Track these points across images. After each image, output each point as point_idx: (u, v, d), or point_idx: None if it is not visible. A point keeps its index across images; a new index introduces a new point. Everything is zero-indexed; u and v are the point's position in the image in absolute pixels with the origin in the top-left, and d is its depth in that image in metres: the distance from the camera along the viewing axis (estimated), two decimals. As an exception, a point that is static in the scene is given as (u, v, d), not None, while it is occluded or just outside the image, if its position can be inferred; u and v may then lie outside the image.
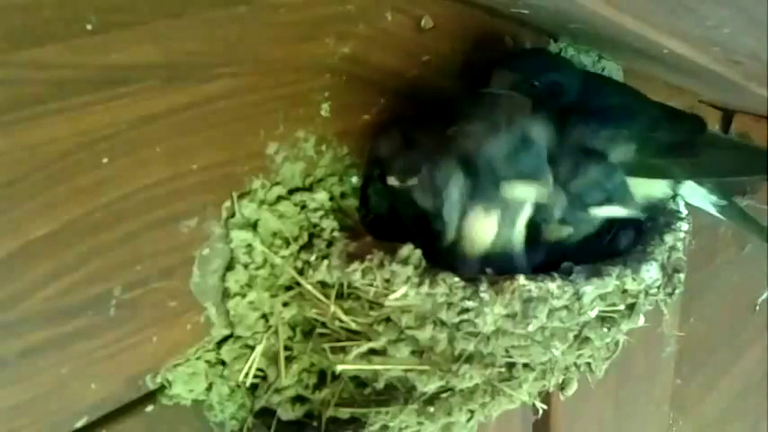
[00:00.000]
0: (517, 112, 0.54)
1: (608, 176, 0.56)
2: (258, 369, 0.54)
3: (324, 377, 0.55)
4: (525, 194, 0.52)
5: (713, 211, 0.70)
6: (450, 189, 0.52)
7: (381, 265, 0.50)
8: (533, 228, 0.55)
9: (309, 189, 0.54)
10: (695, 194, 0.68)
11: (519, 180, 0.51)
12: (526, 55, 0.67)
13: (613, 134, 0.59)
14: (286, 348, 0.54)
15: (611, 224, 0.60)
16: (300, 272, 0.53)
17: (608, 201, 0.56)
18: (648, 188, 0.63)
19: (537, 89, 0.60)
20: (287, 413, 0.55)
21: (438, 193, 0.52)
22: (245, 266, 0.51)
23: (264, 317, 0.53)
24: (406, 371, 0.52)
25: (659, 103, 0.67)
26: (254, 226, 0.51)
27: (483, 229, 0.53)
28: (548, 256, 0.57)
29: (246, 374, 0.53)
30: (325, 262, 0.52)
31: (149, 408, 0.50)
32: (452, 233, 0.53)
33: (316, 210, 0.54)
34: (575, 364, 0.60)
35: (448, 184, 0.52)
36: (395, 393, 0.54)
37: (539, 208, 0.54)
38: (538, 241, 0.57)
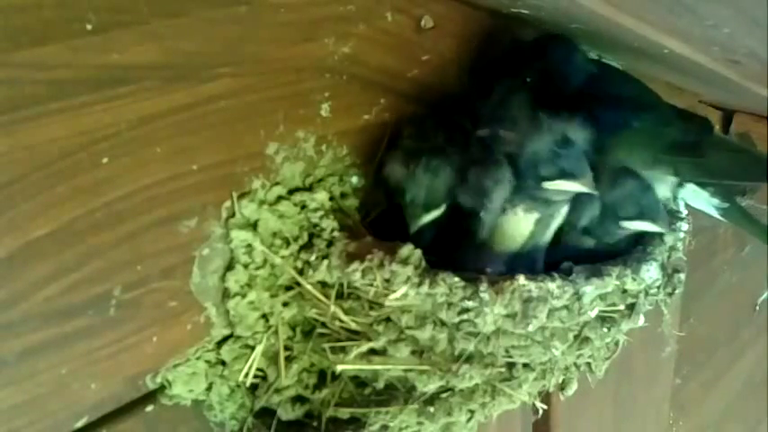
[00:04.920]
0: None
1: (643, 192, 0.57)
2: (258, 369, 0.54)
3: (324, 377, 0.55)
4: (567, 192, 0.53)
5: (715, 214, 0.69)
6: (495, 196, 0.52)
7: (381, 265, 0.50)
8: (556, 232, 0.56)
9: (309, 189, 0.54)
10: (697, 198, 0.68)
11: (562, 178, 0.52)
12: (516, 53, 0.65)
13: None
14: (286, 348, 0.54)
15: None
16: (300, 272, 0.53)
17: (640, 215, 0.57)
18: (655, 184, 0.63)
19: (530, 83, 0.60)
20: (287, 413, 0.55)
21: (482, 196, 0.53)
22: (245, 266, 0.51)
23: (264, 317, 0.53)
24: (406, 371, 0.52)
25: (669, 103, 0.67)
26: (254, 226, 0.51)
27: (518, 229, 0.54)
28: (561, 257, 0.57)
29: (246, 374, 0.53)
30: (326, 262, 0.52)
31: (149, 408, 0.50)
32: (485, 233, 0.54)
33: (316, 210, 0.53)
34: (575, 364, 0.60)
35: (494, 191, 0.52)
36: (395, 393, 0.54)
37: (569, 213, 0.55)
38: (556, 245, 0.57)
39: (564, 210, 0.55)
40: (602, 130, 0.59)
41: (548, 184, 0.52)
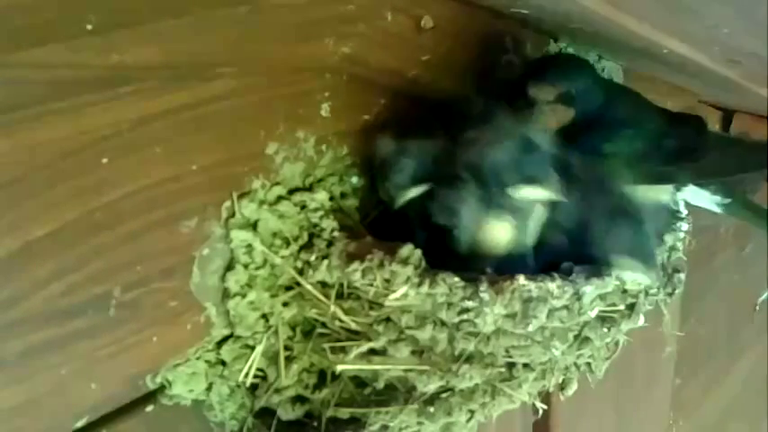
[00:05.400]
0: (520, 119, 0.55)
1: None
2: (258, 369, 0.54)
3: (324, 377, 0.55)
4: (532, 198, 0.52)
5: (718, 210, 0.69)
6: (463, 214, 0.52)
7: (381, 265, 0.50)
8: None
9: (309, 189, 0.54)
10: (698, 197, 0.68)
11: (524, 184, 0.52)
12: (560, 64, 0.64)
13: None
14: (286, 348, 0.54)
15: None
16: (300, 272, 0.53)
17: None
18: (656, 193, 0.63)
19: (575, 98, 0.60)
20: (287, 413, 0.55)
21: (452, 212, 0.52)
22: (245, 266, 0.51)
23: (264, 317, 0.53)
24: (406, 371, 0.52)
25: (662, 108, 0.67)
26: (254, 226, 0.51)
27: (498, 237, 0.53)
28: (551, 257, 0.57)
29: (246, 374, 0.53)
30: (326, 262, 0.52)
31: (149, 408, 0.50)
32: (465, 248, 0.53)
33: (316, 210, 0.54)
34: (575, 364, 0.60)
35: (461, 210, 0.52)
36: (395, 393, 0.54)
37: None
38: (542, 243, 0.57)
39: (538, 209, 0.54)
40: (596, 153, 0.59)
41: (511, 192, 0.52)
